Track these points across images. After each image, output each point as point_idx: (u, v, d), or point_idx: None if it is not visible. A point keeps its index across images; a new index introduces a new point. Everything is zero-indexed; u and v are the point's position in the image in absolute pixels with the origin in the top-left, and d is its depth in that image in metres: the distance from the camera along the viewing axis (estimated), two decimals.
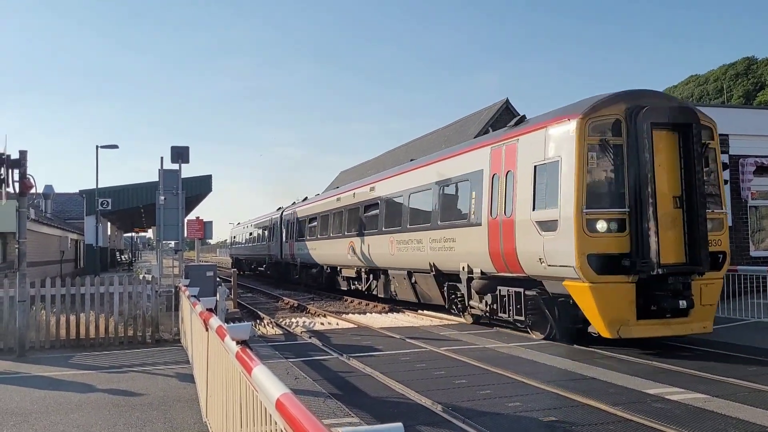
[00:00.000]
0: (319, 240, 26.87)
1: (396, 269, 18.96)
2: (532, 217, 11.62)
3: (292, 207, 33.70)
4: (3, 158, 11.39)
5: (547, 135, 11.60)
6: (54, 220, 32.83)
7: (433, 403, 7.68)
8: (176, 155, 18.91)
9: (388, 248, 18.88)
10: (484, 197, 13.52)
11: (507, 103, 34.57)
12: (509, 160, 12.72)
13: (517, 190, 12.22)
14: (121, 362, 10.94)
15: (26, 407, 7.92)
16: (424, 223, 16.83)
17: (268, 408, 2.97)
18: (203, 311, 6.65)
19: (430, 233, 16.30)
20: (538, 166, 11.69)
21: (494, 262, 13.12)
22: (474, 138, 24.19)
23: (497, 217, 12.88)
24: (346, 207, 23.82)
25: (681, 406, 7.44)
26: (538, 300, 12.10)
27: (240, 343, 4.06)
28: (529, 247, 11.73)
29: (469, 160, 14.64)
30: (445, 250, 15.41)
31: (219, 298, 14.50)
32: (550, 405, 7.60)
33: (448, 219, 15.52)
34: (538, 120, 12.40)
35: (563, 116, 11.37)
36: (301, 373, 9.62)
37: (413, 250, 17.20)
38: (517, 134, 12.70)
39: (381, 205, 20.14)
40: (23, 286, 11.80)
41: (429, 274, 16.50)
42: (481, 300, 14.06)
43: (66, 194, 44.95)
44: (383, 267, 20.08)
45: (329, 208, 26.10)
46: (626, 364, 9.95)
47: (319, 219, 27.31)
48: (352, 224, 22.81)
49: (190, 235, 22.35)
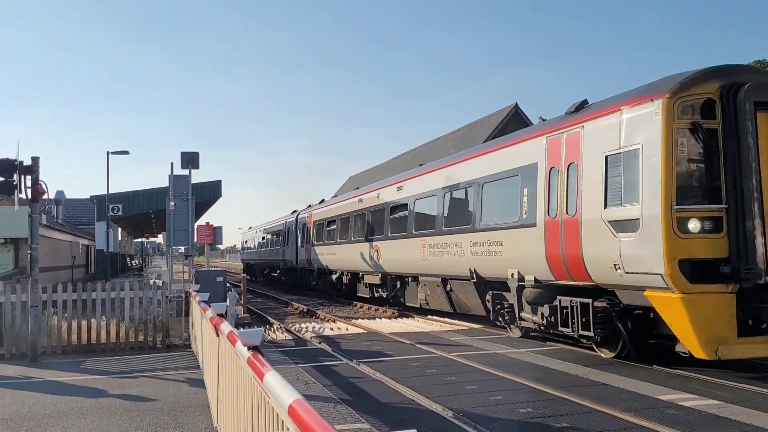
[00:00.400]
0: (339, 244, 25.32)
1: (428, 276, 17.33)
2: (604, 215, 10.10)
3: (308, 210, 32.15)
4: (16, 164, 11.49)
5: (622, 119, 9.99)
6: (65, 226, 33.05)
7: (443, 409, 7.65)
8: (186, 161, 18.99)
9: (419, 253, 17.27)
10: (540, 194, 11.99)
11: (516, 108, 34.58)
12: (571, 151, 11.18)
13: (583, 184, 10.69)
14: (132, 367, 10.97)
15: (38, 412, 7.96)
16: (463, 224, 15.09)
17: (280, 414, 2.96)
18: (214, 316, 6.66)
19: (470, 236, 14.62)
20: (610, 156, 10.13)
21: (552, 268, 11.57)
22: (483, 142, 23.32)
23: (557, 216, 11.37)
24: (369, 209, 22.14)
25: (694, 413, 7.37)
26: (610, 313, 10.53)
27: (251, 349, 4.05)
28: (599, 251, 10.23)
29: (518, 153, 12.99)
30: (489, 255, 13.74)
31: (229, 303, 14.54)
32: (561, 411, 7.55)
33: (493, 220, 13.85)
34: (609, 103, 10.74)
35: (644, 96, 9.75)
36: (312, 378, 9.61)
37: (450, 254, 15.59)
38: (581, 120, 11.07)
39: (410, 205, 18.46)
40: (35, 291, 11.87)
41: (468, 281, 14.85)
42: (535, 311, 12.30)
43: (77, 200, 45.23)
44: (413, 273, 18.51)
45: (350, 210, 24.41)
46: (638, 370, 9.87)
47: (339, 222, 25.68)
48: (377, 227, 21.17)
49: (200, 240, 22.42)
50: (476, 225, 14.49)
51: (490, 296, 14.21)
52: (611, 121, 10.26)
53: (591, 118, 10.85)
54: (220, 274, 18.17)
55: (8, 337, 12.14)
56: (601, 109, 10.74)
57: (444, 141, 40.53)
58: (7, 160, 11.50)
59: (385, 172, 42.35)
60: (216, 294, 15.25)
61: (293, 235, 33.93)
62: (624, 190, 9.83)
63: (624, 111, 10.02)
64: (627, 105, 10.02)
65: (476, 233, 14.42)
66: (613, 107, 10.36)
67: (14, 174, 11.49)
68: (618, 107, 10.20)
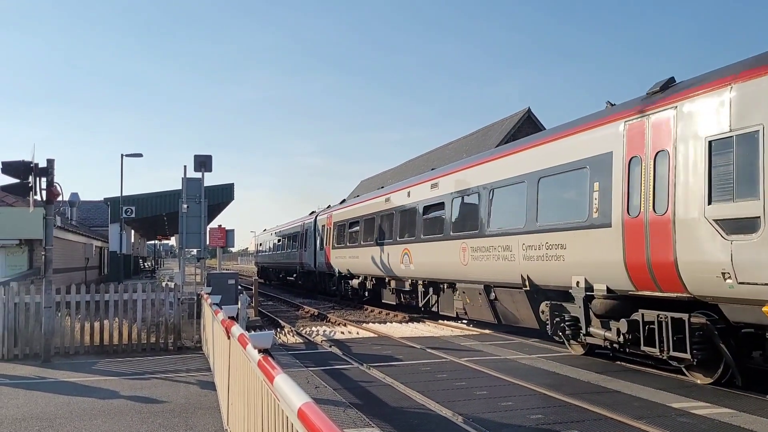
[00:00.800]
0: (363, 247, 23.47)
1: (468, 282, 15.52)
2: (708, 213, 8.50)
3: (327, 211, 30.47)
4: (31, 167, 11.61)
5: (732, 96, 8.35)
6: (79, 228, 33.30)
7: (453, 414, 7.63)
8: (199, 164, 19.09)
9: (459, 256, 15.49)
10: (616, 189, 10.32)
11: (528, 112, 34.48)
12: (660, 137, 9.52)
13: (677, 176, 9.07)
14: (144, 369, 11.04)
15: (51, 412, 8.02)
16: (514, 225, 13.27)
17: (290, 417, 2.97)
18: (225, 319, 6.69)
19: (523, 238, 12.82)
20: (716, 141, 8.52)
21: (633, 276, 9.91)
22: (496, 146, 22.55)
23: (640, 215, 9.73)
24: (398, 209, 20.37)
25: (707, 421, 7.30)
26: (711, 331, 8.95)
27: (262, 352, 4.07)
28: (700, 256, 8.63)
29: (586, 143, 11.32)
30: (548, 260, 12.01)
31: (240, 306, 14.58)
32: (573, 418, 7.51)
33: (552, 220, 12.09)
34: (710, 78, 9.04)
35: (761, 66, 8.16)
36: (322, 382, 9.62)
37: (497, 259, 13.78)
38: (672, 100, 9.43)
39: (448, 204, 16.65)
40: (49, 292, 11.97)
41: (518, 289, 13.10)
42: (607, 326, 10.73)
43: (91, 202, 45.61)
44: (449, 279, 16.78)
45: (376, 210, 22.58)
46: (650, 378, 9.80)
47: (363, 223, 23.83)
48: (407, 228, 19.45)
49: (213, 243, 22.51)
50: (531, 225, 12.66)
51: (547, 307, 12.43)
52: (716, 99, 8.62)
53: (686, 97, 9.18)
54: (232, 276, 18.23)
55: (22, 337, 12.25)
56: (700, 86, 9.07)
57: (456, 146, 40.48)
58: (22, 163, 11.62)
59: (397, 175, 42.37)
60: (227, 297, 15.31)
61: (311, 238, 32.45)
62: (737, 182, 8.22)
63: (735, 86, 8.36)
64: (740, 78, 8.34)
65: (532, 235, 12.56)
66: (718, 82, 8.70)
67: (30, 176, 11.61)
68: (725, 81, 8.55)
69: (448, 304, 17.35)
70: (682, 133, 9.15)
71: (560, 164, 12.01)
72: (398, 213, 20.38)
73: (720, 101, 8.55)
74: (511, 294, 13.69)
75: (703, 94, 8.89)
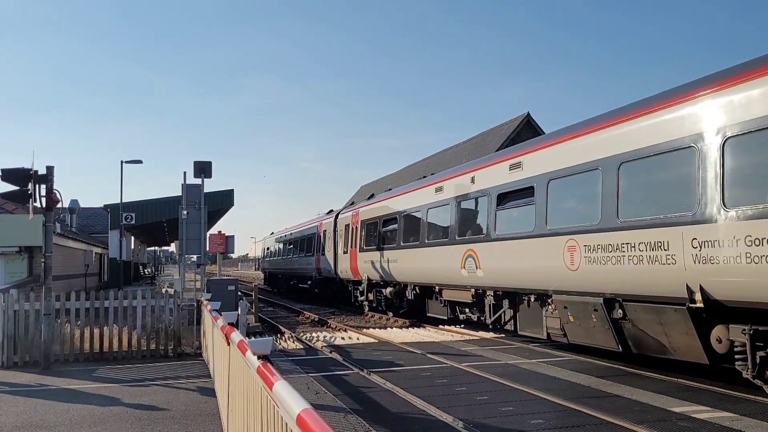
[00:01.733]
0: (402, 249, 19.82)
1: (576, 294, 11.53)
2: None
3: (351, 208, 27.02)
4: (31, 173, 11.63)
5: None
6: (79, 234, 33.31)
7: (454, 420, 7.62)
8: (199, 170, 19.12)
9: (562, 259, 11.63)
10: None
11: (528, 117, 34.52)
12: None
13: None
14: (144, 376, 11.02)
15: (51, 420, 8.01)
16: (677, 211, 9.19)
17: (289, 423, 2.97)
18: (225, 325, 6.69)
19: (694, 231, 8.82)
20: None
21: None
22: (495, 150, 21.55)
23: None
24: (457, 198, 16.45)
25: (708, 425, 7.29)
26: None
27: (261, 358, 4.07)
28: None
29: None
30: (758, 263, 7.87)
31: (240, 312, 14.58)
32: (573, 423, 7.50)
33: (759, 202, 8.02)
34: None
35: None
36: (322, 388, 9.61)
37: (636, 261, 9.85)
38: None
39: (541, 189, 12.61)
40: (48, 299, 11.97)
41: (676, 306, 9.30)
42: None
43: (91, 209, 45.59)
44: (540, 289, 12.86)
45: (422, 202, 18.68)
46: (651, 382, 9.78)
47: (402, 220, 20.14)
48: (470, 224, 15.80)
49: (212, 249, 22.53)
50: (711, 211, 8.62)
51: (744, 334, 8.36)
52: None
53: None
54: (232, 283, 18.23)
55: (21, 344, 12.24)
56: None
57: (456, 150, 40.55)
58: (22, 170, 11.64)
59: (397, 180, 42.41)
60: (227, 303, 15.31)
61: (331, 240, 28.81)
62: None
63: None
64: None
65: (709, 225, 8.63)
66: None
67: (29, 183, 11.63)
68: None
69: (534, 323, 13.46)
70: None
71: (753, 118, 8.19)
72: (456, 204, 16.49)
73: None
74: (658, 313, 9.77)
75: None
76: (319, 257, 31.14)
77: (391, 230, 21.21)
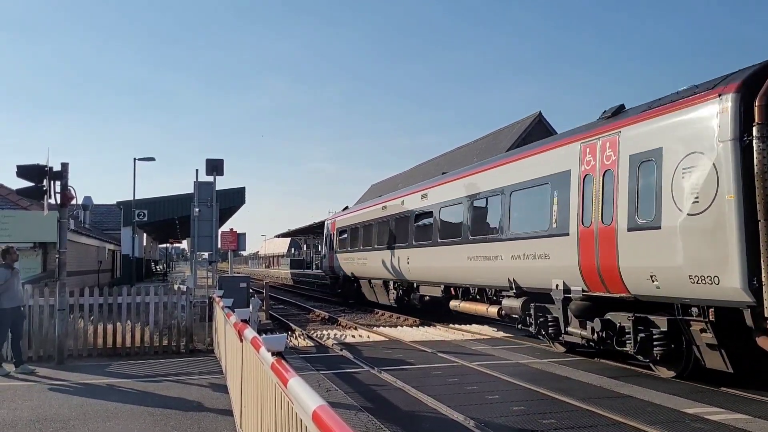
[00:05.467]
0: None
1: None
2: None
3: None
4: (46, 170, 11.71)
5: None
6: (92, 231, 33.56)
7: (465, 419, 7.61)
8: (211, 168, 19.18)
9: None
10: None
11: (540, 116, 34.40)
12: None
13: None
14: (156, 371, 11.09)
15: (65, 414, 8.08)
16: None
17: (304, 419, 2.97)
18: (238, 322, 6.71)
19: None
20: None
21: None
22: (506, 150, 21.76)
23: None
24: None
25: (721, 427, 7.24)
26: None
27: (275, 355, 4.08)
28: None
29: None
30: None
31: (252, 309, 14.63)
32: (585, 423, 7.47)
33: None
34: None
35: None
36: (333, 385, 9.63)
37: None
38: None
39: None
40: (63, 295, 12.06)
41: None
42: None
43: (104, 206, 45.92)
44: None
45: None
46: (663, 383, 9.73)
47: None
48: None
49: (224, 246, 22.59)
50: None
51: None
52: None
53: None
54: (244, 280, 18.30)
55: (36, 339, 12.35)
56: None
57: (466, 150, 40.45)
58: (37, 166, 11.73)
59: (407, 180, 42.38)
60: (239, 300, 15.36)
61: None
62: None
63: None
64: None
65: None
66: None
67: (44, 180, 11.72)
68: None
69: None
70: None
71: None
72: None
73: None
74: None
75: None
76: None
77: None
